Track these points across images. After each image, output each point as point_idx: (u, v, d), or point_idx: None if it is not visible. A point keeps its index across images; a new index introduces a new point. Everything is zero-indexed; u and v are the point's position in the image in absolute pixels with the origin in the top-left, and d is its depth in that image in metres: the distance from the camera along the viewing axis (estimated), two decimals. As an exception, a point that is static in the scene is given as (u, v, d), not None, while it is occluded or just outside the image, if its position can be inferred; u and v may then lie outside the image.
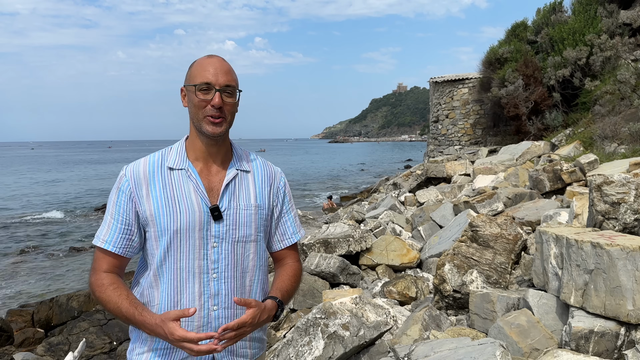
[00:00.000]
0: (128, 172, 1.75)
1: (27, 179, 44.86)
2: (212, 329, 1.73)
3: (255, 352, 1.87)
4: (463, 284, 4.08)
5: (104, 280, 1.72)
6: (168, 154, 1.79)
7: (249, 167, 1.86)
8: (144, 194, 1.72)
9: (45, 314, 8.24)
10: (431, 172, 13.84)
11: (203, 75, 1.70)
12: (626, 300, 2.73)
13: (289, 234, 1.93)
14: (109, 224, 1.74)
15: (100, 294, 1.70)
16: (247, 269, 1.80)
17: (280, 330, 5.04)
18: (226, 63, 1.76)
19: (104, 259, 1.75)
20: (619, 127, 9.30)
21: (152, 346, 1.74)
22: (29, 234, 18.89)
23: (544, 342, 2.99)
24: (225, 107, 1.72)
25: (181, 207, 1.71)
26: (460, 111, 18.26)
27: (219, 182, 1.78)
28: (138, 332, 1.78)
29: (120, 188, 1.74)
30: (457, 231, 6.00)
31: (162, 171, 1.76)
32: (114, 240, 1.73)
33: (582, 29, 14.85)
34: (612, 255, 2.77)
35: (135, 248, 1.76)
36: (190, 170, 1.76)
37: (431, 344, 2.99)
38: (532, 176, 7.65)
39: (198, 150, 1.78)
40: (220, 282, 1.74)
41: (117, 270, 1.76)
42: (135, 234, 1.74)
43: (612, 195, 3.42)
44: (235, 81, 1.75)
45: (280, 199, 1.90)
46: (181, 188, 1.74)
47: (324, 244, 6.51)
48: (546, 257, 3.29)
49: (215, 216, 1.72)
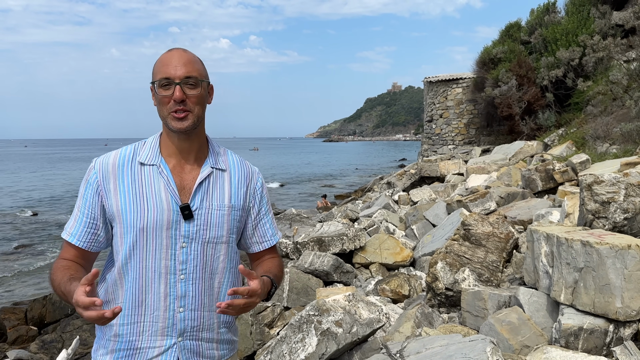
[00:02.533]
0: (97, 165, 1.70)
1: (19, 177, 44.60)
2: (177, 330, 1.68)
3: (223, 354, 1.81)
4: (455, 282, 4.12)
5: (61, 263, 1.68)
6: (141, 148, 1.73)
7: (225, 165, 1.79)
8: (111, 188, 1.66)
9: (38, 311, 8.22)
10: (425, 172, 13.90)
11: (162, 71, 1.64)
12: (615, 298, 2.77)
13: (269, 235, 1.89)
14: (76, 217, 1.70)
15: (52, 275, 1.65)
16: (217, 271, 1.73)
17: (274, 327, 5.07)
18: (187, 54, 1.68)
19: (68, 250, 1.71)
20: (611, 128, 9.37)
21: (115, 347, 1.69)
22: (22, 232, 18.81)
23: (534, 339, 3.03)
24: (190, 100, 1.64)
25: (149, 204, 1.65)
26: (454, 111, 18.33)
27: (192, 180, 1.71)
28: (101, 331, 1.73)
29: (89, 181, 1.69)
30: (450, 230, 6.04)
31: (132, 166, 1.69)
32: (78, 234, 1.68)
33: (575, 29, 14.95)
34: (602, 253, 2.81)
35: (101, 243, 1.71)
36: (162, 167, 1.69)
37: (423, 341, 3.02)
38: (525, 176, 7.71)
39: (170, 147, 1.71)
40: (188, 284, 1.68)
41: (81, 262, 1.71)
42: (100, 229, 1.69)
43: (602, 195, 3.46)
44: (198, 71, 1.66)
45: (258, 200, 1.84)
46: (151, 184, 1.67)
47: (318, 243, 6.54)
48: (537, 256, 3.33)
49: (186, 215, 1.66)
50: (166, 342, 1.68)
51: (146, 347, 1.68)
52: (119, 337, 1.68)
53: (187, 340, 1.70)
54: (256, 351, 4.69)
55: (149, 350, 1.68)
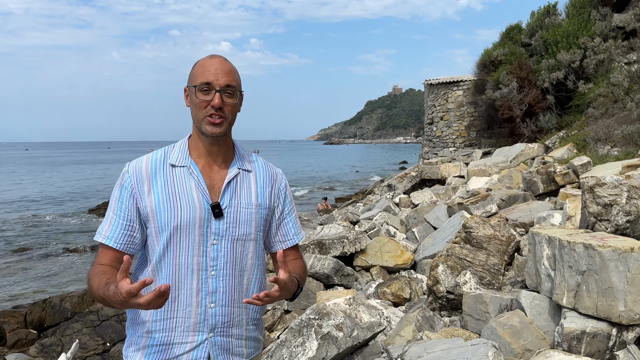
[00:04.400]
0: (130, 169, 1.76)
1: (20, 179, 44.62)
2: (209, 326, 1.73)
3: (251, 352, 1.87)
4: (456, 285, 4.10)
5: (98, 269, 1.70)
6: (171, 152, 1.80)
7: (251, 167, 1.86)
8: (145, 190, 1.72)
9: (38, 315, 8.21)
10: (426, 174, 13.87)
11: (204, 76, 1.70)
12: (618, 301, 2.75)
13: (291, 234, 1.94)
14: (111, 219, 1.74)
15: (90, 282, 1.67)
16: (246, 268, 1.80)
17: (274, 331, 5.04)
18: (228, 63, 1.75)
19: (105, 254, 1.73)
20: (612, 130, 9.35)
21: (148, 343, 1.74)
22: (22, 235, 18.80)
23: (536, 343, 3.00)
24: (226, 108, 1.72)
25: (182, 203, 1.71)
26: (454, 113, 18.32)
27: (221, 180, 1.78)
28: (134, 328, 1.78)
29: (123, 184, 1.75)
30: (451, 232, 6.01)
31: (164, 168, 1.76)
32: (115, 236, 1.72)
33: (576, 32, 14.94)
34: (604, 256, 2.79)
35: (137, 245, 1.75)
36: (192, 168, 1.76)
37: (424, 345, 3.00)
38: (526, 178, 7.68)
39: (200, 149, 1.79)
40: (219, 280, 1.74)
41: (117, 265, 1.72)
42: (137, 230, 1.74)
43: (605, 197, 3.44)
44: (236, 81, 1.74)
45: (282, 199, 1.91)
46: (183, 185, 1.74)
47: (319, 245, 6.51)
48: (539, 259, 3.30)
49: (216, 213, 1.72)
50: (198, 337, 1.73)
51: (178, 343, 1.72)
52: (152, 334, 1.73)
53: (217, 337, 1.75)
54: (256, 355, 4.67)
55: (181, 346, 1.72)
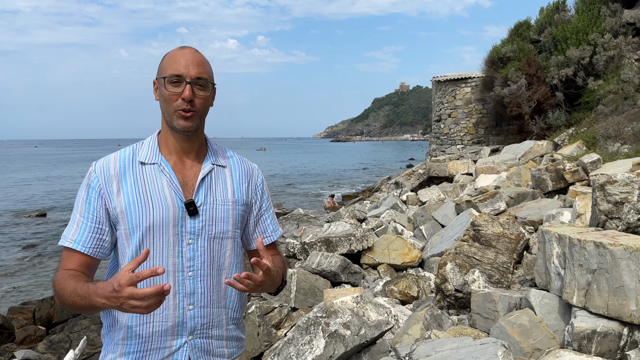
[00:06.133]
0: (97, 168, 1.66)
1: (29, 177, 44.92)
2: (188, 329, 1.65)
3: (233, 352, 1.80)
4: (465, 283, 4.06)
5: (67, 273, 1.59)
6: (139, 149, 1.71)
7: (225, 162, 1.78)
8: (114, 190, 1.63)
9: (46, 311, 8.25)
10: (433, 171, 13.81)
11: (174, 67, 1.61)
12: (629, 301, 2.71)
13: (270, 231, 1.88)
14: (78, 222, 1.63)
15: (59, 285, 1.56)
16: (224, 267, 1.72)
17: (281, 329, 5.03)
18: (199, 54, 1.67)
19: (71, 258, 1.63)
20: (622, 127, 9.26)
21: (124, 350, 1.65)
22: (31, 232, 18.92)
23: (546, 342, 2.97)
24: (197, 101, 1.63)
25: (154, 202, 1.62)
26: (462, 110, 18.23)
27: (194, 176, 1.69)
28: (110, 336, 1.69)
29: (90, 184, 1.65)
30: (459, 230, 5.98)
31: (133, 166, 1.67)
32: (83, 240, 1.62)
33: (586, 28, 14.81)
34: (615, 255, 2.75)
35: (106, 249, 1.65)
36: (164, 165, 1.67)
37: (432, 344, 2.97)
38: (535, 175, 7.62)
39: (171, 145, 1.70)
40: (196, 281, 1.66)
41: (85, 270, 1.62)
42: (106, 233, 1.64)
43: (616, 195, 3.40)
44: (208, 73, 1.66)
45: (259, 195, 1.84)
46: (154, 183, 1.65)
47: (326, 243, 6.50)
48: (548, 257, 3.26)
49: (191, 211, 1.64)
50: (177, 341, 1.65)
51: (157, 348, 1.65)
52: (128, 340, 1.65)
53: (197, 339, 1.68)
54: (263, 352, 4.66)
55: (160, 351, 1.65)
